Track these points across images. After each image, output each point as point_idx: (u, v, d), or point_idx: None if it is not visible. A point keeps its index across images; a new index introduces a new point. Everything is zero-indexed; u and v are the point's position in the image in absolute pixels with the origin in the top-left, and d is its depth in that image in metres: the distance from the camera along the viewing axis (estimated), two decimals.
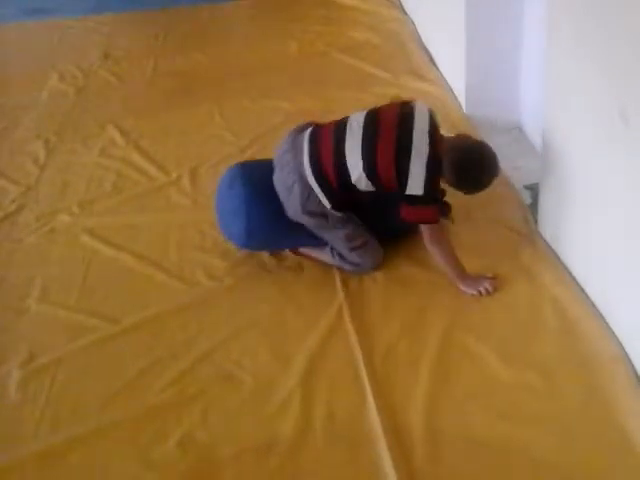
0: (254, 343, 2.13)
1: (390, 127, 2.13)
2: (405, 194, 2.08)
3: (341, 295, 2.25)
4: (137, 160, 3.22)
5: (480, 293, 2.17)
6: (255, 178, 2.37)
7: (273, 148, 2.40)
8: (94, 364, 2.14)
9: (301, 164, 2.20)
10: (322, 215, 2.22)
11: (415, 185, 2.06)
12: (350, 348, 2.04)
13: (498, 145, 2.90)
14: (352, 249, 2.27)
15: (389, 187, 2.14)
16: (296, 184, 2.20)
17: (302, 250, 2.42)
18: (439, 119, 2.27)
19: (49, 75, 4.26)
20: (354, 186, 2.17)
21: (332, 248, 2.33)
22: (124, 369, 2.10)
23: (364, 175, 2.12)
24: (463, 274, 2.19)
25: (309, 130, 2.28)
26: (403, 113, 2.16)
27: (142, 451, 1.83)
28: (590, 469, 1.65)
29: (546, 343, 1.98)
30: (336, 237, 2.27)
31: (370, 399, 1.86)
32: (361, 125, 2.16)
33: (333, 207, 2.20)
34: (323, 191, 2.18)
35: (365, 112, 2.22)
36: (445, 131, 2.56)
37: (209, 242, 2.58)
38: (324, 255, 2.38)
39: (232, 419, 1.89)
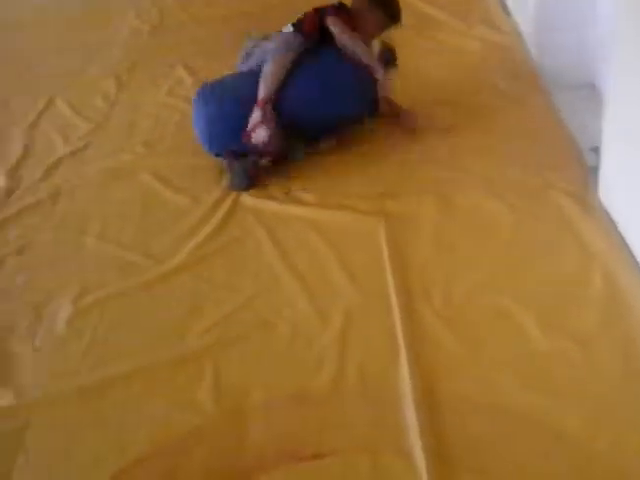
0: (295, 292, 2.13)
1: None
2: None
3: (385, 252, 2.22)
4: None
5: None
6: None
7: None
8: (141, 304, 2.19)
9: None
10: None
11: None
12: (389, 309, 2.01)
13: (567, 102, 2.82)
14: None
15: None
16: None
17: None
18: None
19: (127, 12, 4.32)
20: None
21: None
22: (168, 310, 2.15)
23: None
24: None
25: None
26: None
27: (177, 393, 1.88)
28: (620, 450, 1.58)
29: (589, 313, 1.90)
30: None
31: (403, 361, 1.84)
32: None
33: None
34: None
35: None
36: (510, 84, 2.54)
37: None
38: None
39: (267, 368, 1.91)
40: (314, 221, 2.41)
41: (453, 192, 2.46)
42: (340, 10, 2.73)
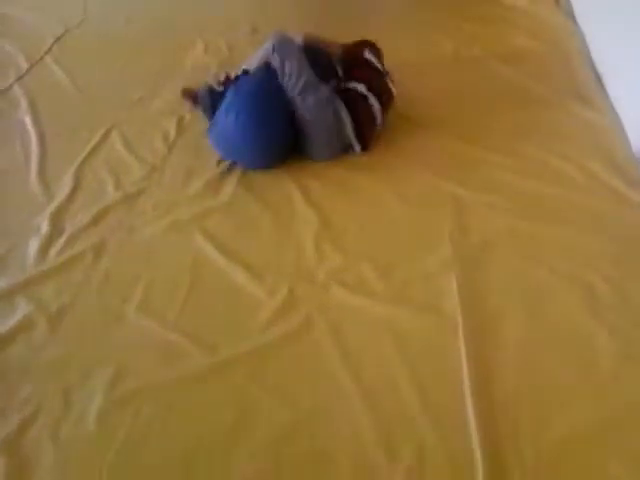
0: (359, 414, 1.85)
1: None
2: None
3: (465, 371, 1.93)
4: None
5: None
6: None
7: None
8: (181, 403, 1.93)
9: None
10: None
11: None
12: (469, 451, 1.73)
13: None
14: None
15: None
16: None
17: None
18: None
19: (195, 44, 4.09)
20: None
21: None
22: (212, 417, 1.88)
23: None
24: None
25: None
26: None
27: None
28: None
29: None
30: None
31: None
32: None
33: None
34: None
35: None
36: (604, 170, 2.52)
37: None
38: None
39: None
40: (383, 317, 2.14)
41: (541, 296, 2.18)
42: None
